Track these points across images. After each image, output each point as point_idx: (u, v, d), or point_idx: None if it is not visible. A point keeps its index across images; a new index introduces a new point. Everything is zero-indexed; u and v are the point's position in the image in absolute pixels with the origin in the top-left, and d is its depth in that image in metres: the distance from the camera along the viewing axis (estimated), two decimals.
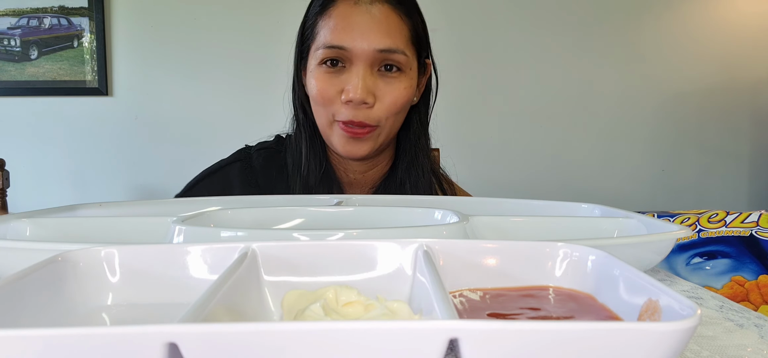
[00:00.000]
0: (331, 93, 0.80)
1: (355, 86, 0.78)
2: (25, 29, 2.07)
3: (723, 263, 0.70)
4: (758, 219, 0.72)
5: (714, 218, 0.73)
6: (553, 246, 0.31)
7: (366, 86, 0.78)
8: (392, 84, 0.81)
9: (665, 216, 0.79)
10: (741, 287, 0.68)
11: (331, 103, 0.80)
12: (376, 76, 0.80)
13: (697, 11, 2.23)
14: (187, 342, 0.18)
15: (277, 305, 0.29)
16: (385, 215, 0.51)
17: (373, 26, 0.78)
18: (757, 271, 0.69)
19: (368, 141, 0.82)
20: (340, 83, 0.80)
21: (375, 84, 0.80)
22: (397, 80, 0.81)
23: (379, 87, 0.80)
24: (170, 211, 0.56)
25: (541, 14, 2.19)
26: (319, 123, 0.84)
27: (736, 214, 0.73)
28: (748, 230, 0.70)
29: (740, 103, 2.27)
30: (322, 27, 0.81)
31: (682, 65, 2.25)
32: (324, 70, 0.80)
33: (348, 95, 0.78)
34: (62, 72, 2.09)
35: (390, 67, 0.80)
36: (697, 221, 0.74)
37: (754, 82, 2.27)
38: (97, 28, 2.07)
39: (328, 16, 0.80)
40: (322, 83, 0.80)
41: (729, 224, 0.72)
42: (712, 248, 0.71)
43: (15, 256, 0.35)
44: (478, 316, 0.27)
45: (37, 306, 0.26)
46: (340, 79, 0.80)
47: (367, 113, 0.80)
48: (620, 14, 2.21)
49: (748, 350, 0.31)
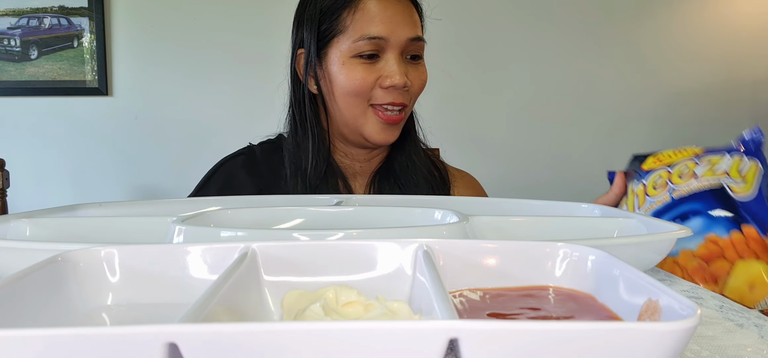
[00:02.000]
0: (369, 82, 0.83)
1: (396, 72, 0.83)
2: (25, 29, 2.07)
3: (695, 222, 0.68)
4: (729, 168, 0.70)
5: (685, 172, 0.72)
6: (553, 246, 0.31)
7: (405, 72, 0.84)
8: (418, 69, 0.87)
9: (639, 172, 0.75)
10: (716, 246, 0.67)
11: (367, 92, 0.84)
12: (406, 62, 0.86)
13: (697, 10, 2.23)
14: (187, 342, 0.18)
15: (277, 305, 0.29)
16: (385, 215, 0.51)
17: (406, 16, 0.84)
18: (728, 226, 0.67)
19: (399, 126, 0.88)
20: (376, 72, 0.84)
21: (407, 69, 0.85)
22: (421, 65, 0.88)
23: (410, 72, 0.85)
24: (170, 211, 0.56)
25: (541, 13, 2.19)
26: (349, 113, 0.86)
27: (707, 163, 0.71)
28: (718, 180, 0.69)
29: (740, 103, 2.27)
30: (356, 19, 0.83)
31: (682, 64, 2.25)
32: (360, 61, 0.84)
33: (393, 80, 0.83)
34: (62, 72, 2.09)
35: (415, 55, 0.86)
36: (669, 180, 0.72)
37: (754, 81, 2.27)
38: (97, 28, 2.07)
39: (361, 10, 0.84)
40: (360, 74, 0.83)
41: (700, 176, 0.71)
42: (684, 208, 0.69)
43: (15, 256, 0.35)
44: (478, 316, 0.27)
45: (37, 306, 0.26)
46: (376, 68, 0.84)
47: (404, 94, 0.85)
48: (620, 13, 2.21)
49: (748, 350, 0.31)
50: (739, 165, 0.70)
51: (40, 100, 2.11)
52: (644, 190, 0.72)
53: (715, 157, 0.71)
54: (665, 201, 0.69)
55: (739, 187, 0.68)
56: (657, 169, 0.73)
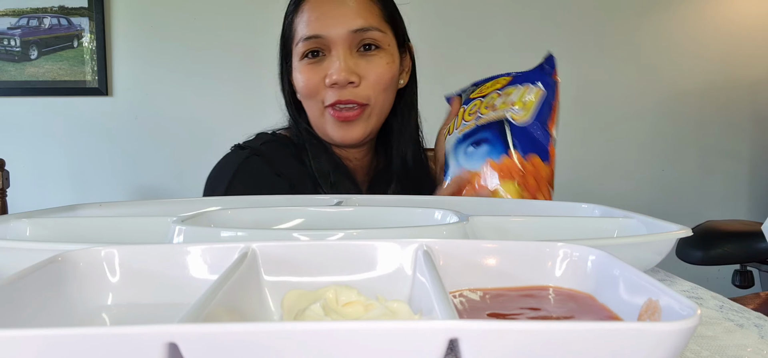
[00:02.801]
0: (315, 82, 0.82)
1: (338, 69, 0.80)
2: (25, 29, 2.07)
3: (483, 148, 0.76)
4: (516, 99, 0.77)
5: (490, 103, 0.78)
6: (553, 246, 0.31)
7: (347, 67, 0.81)
8: (373, 61, 0.83)
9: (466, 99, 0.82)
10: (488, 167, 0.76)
11: (317, 92, 0.83)
12: (357, 56, 0.83)
13: (698, 10, 2.23)
14: (187, 342, 0.18)
15: (277, 305, 0.29)
16: (385, 215, 0.51)
17: (344, 10, 0.82)
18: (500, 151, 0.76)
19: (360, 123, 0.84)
20: (322, 71, 0.82)
21: (356, 64, 0.82)
22: (378, 57, 0.84)
23: (361, 66, 0.82)
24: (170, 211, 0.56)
25: (541, 13, 2.19)
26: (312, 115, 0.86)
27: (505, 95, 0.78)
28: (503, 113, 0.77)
29: (740, 103, 2.27)
30: (299, 23, 0.84)
31: (682, 64, 2.25)
32: (306, 63, 0.83)
33: (331, 78, 0.81)
34: (62, 72, 2.09)
35: (369, 46, 0.83)
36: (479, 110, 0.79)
37: (754, 81, 2.27)
38: (97, 28, 2.07)
39: (302, 11, 0.84)
40: (305, 75, 0.83)
41: (497, 107, 0.78)
42: (479, 135, 0.77)
43: (15, 256, 0.35)
44: (478, 316, 0.27)
45: (37, 306, 0.26)
46: (322, 67, 0.82)
47: (355, 92, 0.82)
48: (620, 13, 2.21)
49: (748, 350, 0.31)
50: (525, 94, 0.78)
51: (40, 100, 2.11)
52: (463, 115, 0.81)
53: (512, 89, 0.79)
54: (470, 127, 0.78)
55: (519, 115, 0.77)
56: (475, 99, 0.81)
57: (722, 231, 1.67)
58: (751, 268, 1.74)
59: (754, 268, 1.75)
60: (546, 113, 0.79)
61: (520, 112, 0.77)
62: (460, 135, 0.79)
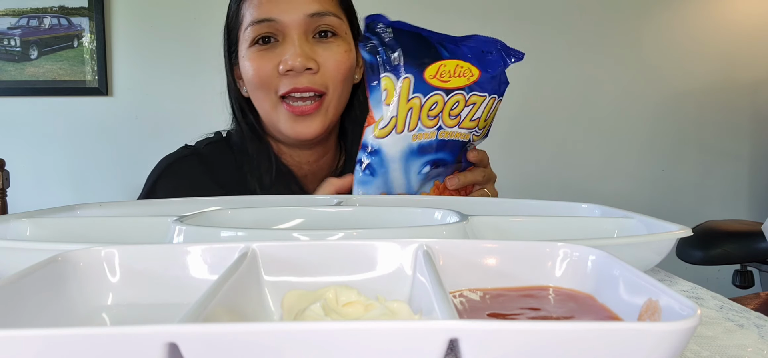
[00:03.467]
0: (267, 70, 0.75)
1: (294, 54, 0.74)
2: (25, 29, 2.07)
3: (438, 171, 0.68)
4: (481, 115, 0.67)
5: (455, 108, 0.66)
6: (553, 246, 0.31)
7: (304, 53, 0.74)
8: (331, 48, 0.77)
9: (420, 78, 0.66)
10: (437, 190, 0.69)
11: (269, 82, 0.76)
12: (313, 43, 0.76)
13: (698, 10, 2.23)
14: (187, 342, 0.18)
15: (277, 305, 0.29)
16: (385, 215, 0.51)
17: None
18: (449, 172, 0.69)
19: (317, 117, 0.77)
20: (275, 58, 0.75)
21: (313, 50, 0.76)
22: (335, 44, 0.77)
23: (319, 53, 0.76)
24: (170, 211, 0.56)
25: (541, 12, 2.19)
26: (263, 110, 0.79)
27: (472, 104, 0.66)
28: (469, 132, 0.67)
29: (740, 103, 2.27)
30: (247, 8, 0.77)
31: (682, 64, 2.25)
32: (256, 49, 0.76)
33: (287, 65, 0.74)
34: (62, 72, 2.09)
35: (325, 33, 0.77)
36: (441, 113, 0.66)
37: (755, 81, 2.27)
38: (97, 28, 2.07)
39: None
40: (256, 62, 0.76)
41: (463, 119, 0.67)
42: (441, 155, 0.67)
43: (15, 256, 0.35)
44: (478, 316, 0.27)
45: (37, 306, 0.26)
46: (275, 54, 0.76)
47: (312, 78, 0.76)
48: (621, 13, 2.21)
49: (748, 350, 0.31)
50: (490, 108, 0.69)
51: (40, 100, 2.11)
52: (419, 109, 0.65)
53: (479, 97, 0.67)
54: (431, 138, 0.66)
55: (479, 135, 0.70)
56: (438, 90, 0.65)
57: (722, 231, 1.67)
58: (751, 268, 1.74)
59: (754, 268, 1.75)
60: None
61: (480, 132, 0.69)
62: (414, 143, 0.66)
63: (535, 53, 2.23)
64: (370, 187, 0.67)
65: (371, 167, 0.67)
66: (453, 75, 0.66)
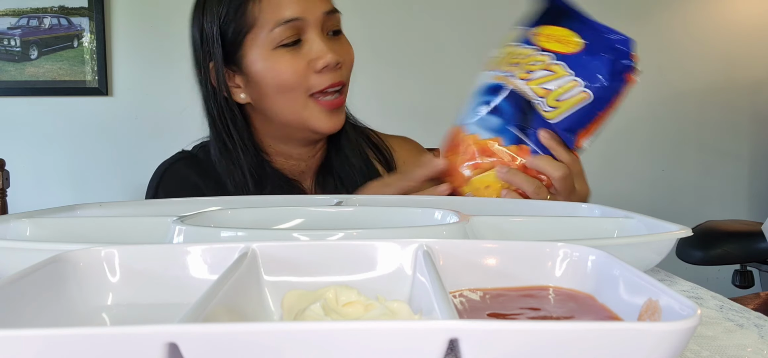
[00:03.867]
0: (300, 70, 0.76)
1: (325, 51, 0.76)
2: (25, 29, 2.07)
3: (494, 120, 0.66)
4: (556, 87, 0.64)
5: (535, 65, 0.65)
6: (553, 246, 0.31)
7: (333, 48, 0.77)
8: (343, 43, 0.81)
9: None
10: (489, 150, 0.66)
11: (302, 82, 0.76)
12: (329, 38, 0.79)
13: (698, 10, 2.23)
14: (187, 342, 0.18)
15: (277, 305, 0.29)
16: (385, 215, 0.51)
17: None
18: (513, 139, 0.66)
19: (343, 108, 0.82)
20: (303, 57, 0.76)
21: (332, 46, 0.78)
22: (344, 40, 0.82)
23: (336, 48, 0.79)
24: (170, 211, 0.56)
25: None
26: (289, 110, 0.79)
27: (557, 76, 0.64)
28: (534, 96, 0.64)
29: (740, 103, 2.27)
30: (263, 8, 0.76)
31: (682, 64, 2.25)
32: (283, 51, 0.76)
33: (326, 60, 0.75)
34: (62, 72, 2.09)
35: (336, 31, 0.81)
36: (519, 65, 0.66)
37: (755, 81, 2.27)
38: (97, 28, 2.07)
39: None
40: (288, 64, 0.76)
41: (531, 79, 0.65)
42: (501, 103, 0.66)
43: (15, 256, 0.35)
44: (478, 316, 0.27)
45: (37, 306, 0.26)
46: (303, 53, 0.76)
47: (341, 73, 0.79)
48: (620, 13, 2.21)
49: (748, 350, 0.31)
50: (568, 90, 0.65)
51: (40, 100, 2.11)
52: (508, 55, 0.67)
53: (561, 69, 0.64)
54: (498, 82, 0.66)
55: (548, 113, 0.65)
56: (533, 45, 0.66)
57: (722, 231, 1.67)
58: (751, 268, 1.74)
59: (754, 268, 1.75)
60: (582, 120, 0.67)
61: (549, 110, 0.65)
62: (489, 82, 0.67)
63: None
64: None
65: None
66: (558, 40, 0.66)
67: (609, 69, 0.65)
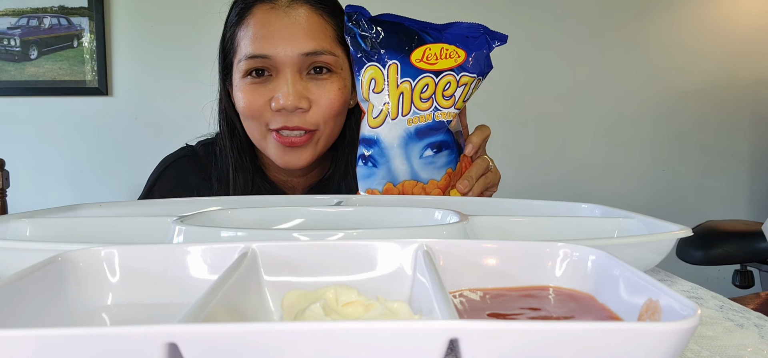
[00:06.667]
0: (259, 104, 0.76)
1: (286, 94, 0.74)
2: (25, 29, 2.06)
3: (444, 155, 0.67)
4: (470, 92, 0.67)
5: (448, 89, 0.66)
6: (553, 246, 0.31)
7: (297, 92, 0.75)
8: (324, 86, 0.77)
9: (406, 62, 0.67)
10: (448, 178, 0.69)
11: (261, 115, 0.77)
12: (306, 80, 0.77)
13: (698, 10, 2.23)
14: (187, 342, 0.18)
15: (277, 305, 0.29)
16: (385, 215, 0.51)
17: (294, 30, 0.75)
18: (457, 158, 0.69)
19: (307, 149, 0.78)
20: (268, 93, 0.76)
21: (306, 88, 0.76)
22: (329, 82, 0.77)
23: (311, 90, 0.76)
24: (170, 211, 0.56)
25: (540, 13, 2.19)
26: (253, 137, 0.81)
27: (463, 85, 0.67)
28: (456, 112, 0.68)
29: (741, 103, 2.27)
30: (242, 38, 0.77)
31: (682, 64, 2.24)
32: (249, 82, 0.77)
33: (278, 103, 0.74)
34: (62, 72, 2.09)
35: (320, 69, 0.77)
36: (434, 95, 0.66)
37: (755, 81, 2.27)
38: (97, 28, 2.07)
39: (246, 26, 0.77)
40: (249, 96, 0.76)
41: (458, 99, 0.67)
42: (441, 137, 0.67)
43: (15, 256, 0.35)
44: (478, 316, 0.27)
45: (37, 306, 0.26)
46: (268, 89, 0.76)
47: (304, 118, 0.76)
48: (620, 13, 2.21)
49: (748, 350, 0.31)
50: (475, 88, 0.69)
51: (40, 100, 2.11)
52: (411, 93, 0.66)
53: (469, 78, 0.67)
54: (428, 120, 0.66)
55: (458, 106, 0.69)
56: (426, 73, 0.66)
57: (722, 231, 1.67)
58: (751, 268, 1.74)
59: (754, 268, 1.75)
60: None
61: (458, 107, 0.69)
62: (410, 127, 0.66)
63: (535, 53, 2.24)
64: (374, 179, 0.68)
65: (372, 158, 0.67)
66: (440, 57, 0.67)
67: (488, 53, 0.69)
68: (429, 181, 0.68)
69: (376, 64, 0.66)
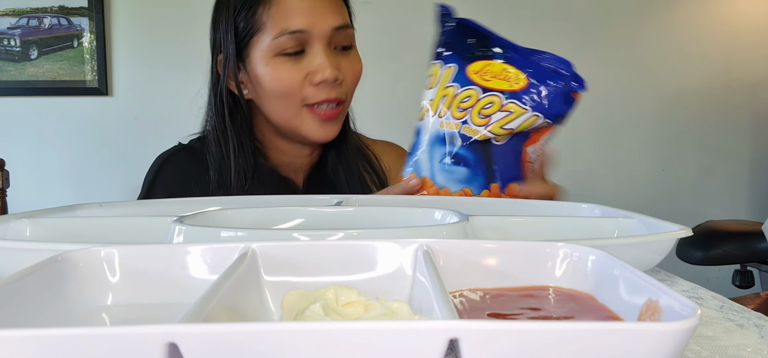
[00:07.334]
0: (297, 80, 0.78)
1: (326, 66, 0.77)
2: (25, 29, 2.06)
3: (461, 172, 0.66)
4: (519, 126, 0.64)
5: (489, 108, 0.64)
6: (553, 246, 0.31)
7: (334, 64, 0.78)
8: (350, 58, 0.82)
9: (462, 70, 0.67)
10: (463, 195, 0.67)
11: (298, 92, 0.78)
12: (335, 54, 0.80)
13: (698, 10, 2.23)
14: (187, 342, 0.18)
15: (277, 305, 0.29)
16: (385, 215, 0.51)
17: (327, 4, 0.78)
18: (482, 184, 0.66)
19: (338, 120, 0.83)
20: (303, 68, 0.78)
21: (337, 61, 0.80)
22: (353, 54, 0.83)
23: (341, 63, 0.80)
24: (170, 211, 0.56)
25: (540, 13, 2.19)
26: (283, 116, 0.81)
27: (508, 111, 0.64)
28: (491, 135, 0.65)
29: (741, 103, 2.27)
30: (272, 14, 0.77)
31: (682, 64, 2.24)
32: (284, 59, 0.78)
33: (324, 75, 0.77)
34: (62, 72, 2.09)
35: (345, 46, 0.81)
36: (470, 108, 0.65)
37: (755, 81, 2.27)
38: (97, 28, 2.07)
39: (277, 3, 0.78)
40: (286, 73, 0.78)
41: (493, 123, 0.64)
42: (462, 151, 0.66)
43: (15, 256, 0.35)
44: (478, 316, 0.27)
45: (37, 306, 0.26)
46: (303, 64, 0.78)
47: (339, 89, 0.80)
48: (620, 13, 2.21)
49: (748, 350, 0.31)
50: (531, 124, 0.66)
51: (40, 100, 2.11)
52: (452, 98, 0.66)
53: (518, 107, 0.64)
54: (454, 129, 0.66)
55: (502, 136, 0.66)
56: (475, 85, 0.66)
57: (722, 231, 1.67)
58: (751, 268, 1.74)
59: (754, 268, 1.75)
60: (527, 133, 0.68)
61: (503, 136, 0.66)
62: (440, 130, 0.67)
63: None
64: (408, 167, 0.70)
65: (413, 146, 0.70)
66: (497, 76, 0.66)
67: (562, 96, 0.67)
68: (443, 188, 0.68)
69: (438, 62, 0.69)
